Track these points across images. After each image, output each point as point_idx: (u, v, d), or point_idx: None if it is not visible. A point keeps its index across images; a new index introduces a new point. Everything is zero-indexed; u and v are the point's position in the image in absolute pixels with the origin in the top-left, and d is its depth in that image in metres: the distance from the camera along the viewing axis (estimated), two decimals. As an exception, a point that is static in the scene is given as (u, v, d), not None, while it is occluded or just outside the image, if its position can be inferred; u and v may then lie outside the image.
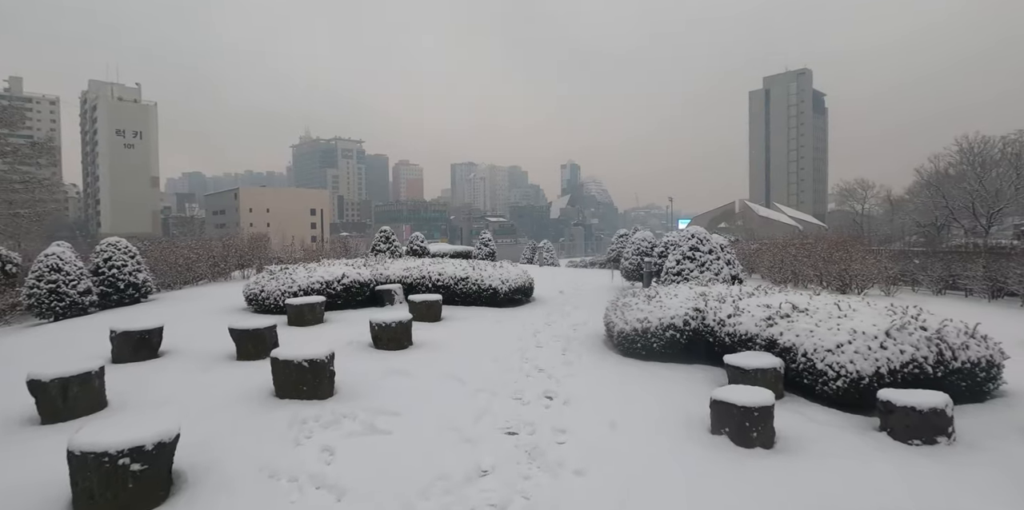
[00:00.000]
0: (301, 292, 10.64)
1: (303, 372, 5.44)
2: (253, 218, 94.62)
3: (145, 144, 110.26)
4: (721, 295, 7.80)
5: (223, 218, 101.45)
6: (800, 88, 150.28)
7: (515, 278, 11.98)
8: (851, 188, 79.11)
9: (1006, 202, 50.95)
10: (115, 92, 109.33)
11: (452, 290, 11.70)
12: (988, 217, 51.81)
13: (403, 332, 7.81)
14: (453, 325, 9.67)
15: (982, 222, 52.06)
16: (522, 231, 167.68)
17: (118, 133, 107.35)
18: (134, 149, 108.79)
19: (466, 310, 11.18)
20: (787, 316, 6.58)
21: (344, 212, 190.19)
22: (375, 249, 18.10)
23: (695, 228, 11.44)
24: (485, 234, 23.63)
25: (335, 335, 8.58)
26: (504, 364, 7.17)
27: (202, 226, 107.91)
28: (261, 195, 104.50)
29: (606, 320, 8.42)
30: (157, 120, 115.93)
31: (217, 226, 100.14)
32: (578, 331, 9.50)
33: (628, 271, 14.71)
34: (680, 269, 11.08)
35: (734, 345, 6.88)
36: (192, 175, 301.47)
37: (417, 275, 11.98)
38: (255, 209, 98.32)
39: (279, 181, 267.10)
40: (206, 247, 17.01)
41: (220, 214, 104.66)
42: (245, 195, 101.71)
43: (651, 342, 7.36)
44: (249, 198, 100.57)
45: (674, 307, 7.51)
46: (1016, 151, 59.75)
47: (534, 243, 33.74)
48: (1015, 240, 40.03)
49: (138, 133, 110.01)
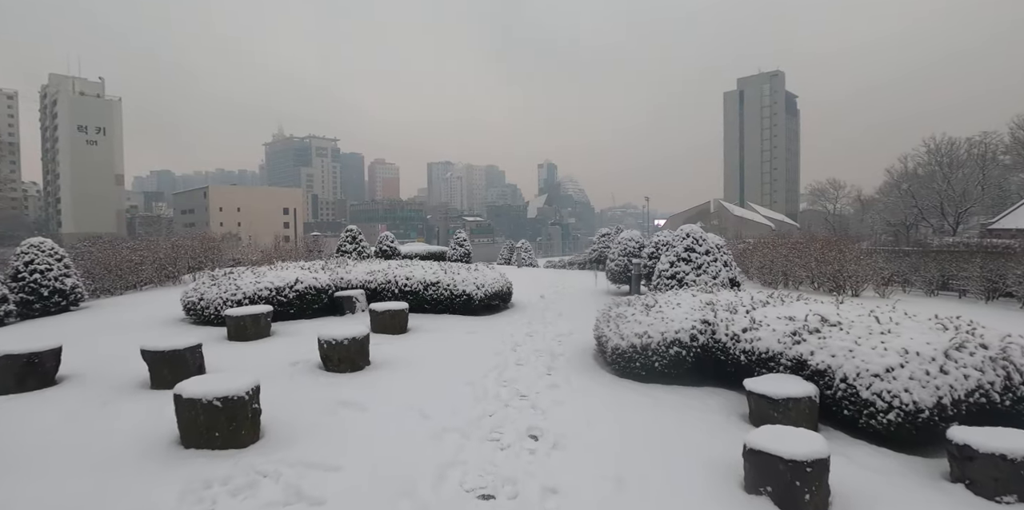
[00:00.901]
0: (247, 300, 9.28)
1: (215, 414, 4.17)
2: (223, 217, 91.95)
3: (109, 140, 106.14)
4: (731, 304, 6.71)
5: (192, 217, 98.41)
6: (773, 89, 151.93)
7: (491, 283, 10.79)
8: (823, 188, 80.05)
9: (973, 202, 51.96)
10: (77, 86, 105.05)
11: (421, 296, 10.46)
12: (956, 216, 52.80)
13: (358, 350, 6.55)
14: (421, 338, 8.43)
15: (950, 221, 53.00)
16: (499, 230, 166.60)
17: (80, 129, 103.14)
18: (97, 146, 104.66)
19: (437, 319, 9.95)
20: (817, 331, 5.50)
21: (319, 211, 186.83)
22: (340, 250, 16.74)
23: (690, 227, 10.39)
24: (460, 234, 22.29)
25: (279, 353, 7.28)
26: (479, 389, 5.97)
27: (170, 226, 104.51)
28: (232, 194, 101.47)
29: (597, 333, 7.28)
30: (122, 116, 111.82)
31: (186, 226, 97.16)
32: (563, 344, 8.34)
33: (614, 273, 13.62)
34: (675, 272, 10.01)
35: (751, 365, 5.79)
36: (161, 173, 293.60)
37: (382, 280, 10.71)
38: (225, 208, 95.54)
39: (252, 180, 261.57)
40: (152, 248, 15.42)
41: (189, 213, 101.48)
42: (215, 194, 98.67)
43: (652, 361, 6.23)
44: (219, 197, 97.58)
45: (678, 319, 6.39)
46: (981, 152, 61.06)
47: (512, 243, 32.55)
48: (982, 239, 40.29)
49: (101, 129, 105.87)
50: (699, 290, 7.70)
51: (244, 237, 43.59)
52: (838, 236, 20.10)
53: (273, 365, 6.70)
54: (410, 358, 7.16)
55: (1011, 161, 59.94)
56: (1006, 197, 55.08)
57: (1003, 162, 60.91)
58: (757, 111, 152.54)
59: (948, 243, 21.31)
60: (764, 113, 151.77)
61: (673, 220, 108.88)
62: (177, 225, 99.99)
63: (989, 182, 55.20)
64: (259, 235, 46.62)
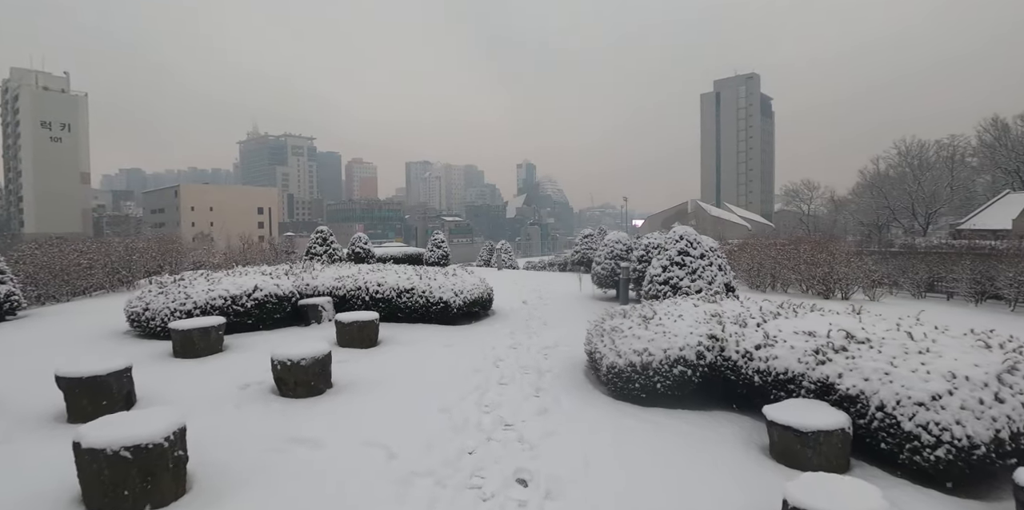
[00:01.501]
0: (198, 311, 8.33)
1: (123, 467, 3.30)
2: (195, 217, 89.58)
3: (74, 137, 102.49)
4: (739, 316, 6.02)
5: (163, 217, 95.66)
6: (749, 91, 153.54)
7: (471, 289, 9.99)
8: (797, 189, 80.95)
9: (943, 204, 52.95)
10: (40, 81, 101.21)
11: (394, 304, 9.61)
12: (926, 217, 53.74)
13: (318, 371, 5.70)
14: (393, 352, 7.59)
15: (920, 222, 53.93)
16: (478, 231, 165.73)
17: (43, 125, 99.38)
18: (62, 143, 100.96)
19: (411, 329, 9.11)
20: (843, 349, 4.82)
21: (294, 211, 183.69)
22: (310, 252, 15.76)
23: (683, 229, 9.72)
24: (438, 235, 21.32)
25: (230, 374, 6.39)
26: (457, 416, 5.18)
27: (139, 226, 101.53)
28: (204, 193, 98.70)
29: (589, 348, 6.53)
30: (88, 112, 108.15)
31: (156, 226, 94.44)
32: (550, 358, 7.59)
33: (600, 277, 12.92)
34: (668, 277, 9.33)
35: (767, 387, 5.10)
36: (131, 171, 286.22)
37: (351, 286, 9.83)
38: (198, 208, 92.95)
39: (226, 178, 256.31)
40: (104, 250, 14.26)
41: (159, 213, 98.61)
42: (187, 192, 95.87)
43: (654, 381, 5.50)
44: (191, 196, 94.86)
45: (682, 333, 5.67)
46: (950, 154, 62.28)
47: (491, 244, 31.69)
48: (954, 239, 40.93)
49: (66, 125, 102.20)
50: (700, 299, 7.01)
51: (218, 238, 42.09)
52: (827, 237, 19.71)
53: (219, 389, 5.82)
54: (379, 378, 6.34)
55: (978, 163, 61.26)
56: (973, 198, 56.21)
57: (970, 164, 62.22)
58: (733, 113, 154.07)
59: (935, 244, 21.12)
60: (740, 115, 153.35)
61: (651, 220, 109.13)
62: (147, 225, 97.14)
63: (958, 184, 56.34)
64: (232, 235, 45.09)
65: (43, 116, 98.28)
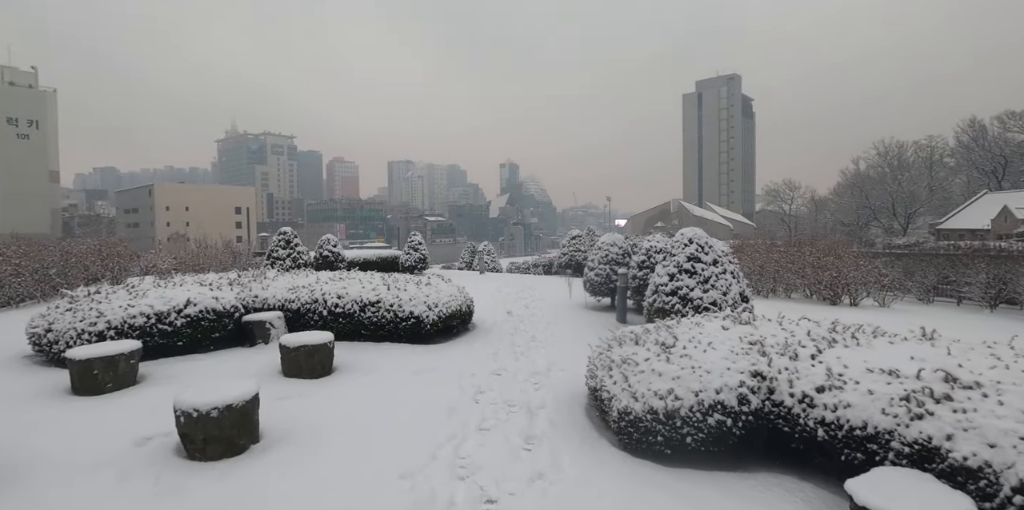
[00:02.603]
0: (112, 332, 6.84)
1: None
2: (170, 217, 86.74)
3: (42, 134, 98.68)
4: (786, 344, 4.73)
5: (136, 217, 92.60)
6: (730, 92, 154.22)
7: (447, 301, 8.60)
8: (779, 189, 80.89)
9: (921, 204, 53.06)
10: (6, 76, 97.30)
11: (357, 320, 8.18)
12: (906, 217, 53.81)
13: (237, 423, 4.28)
14: (348, 385, 6.18)
15: (900, 221, 53.97)
16: (461, 230, 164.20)
17: (9, 121, 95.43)
18: (29, 140, 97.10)
19: (376, 351, 7.70)
20: (947, 398, 3.54)
21: (274, 211, 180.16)
22: (272, 256, 14.21)
23: (692, 230, 8.44)
24: (415, 237, 19.69)
25: (133, 420, 4.95)
26: (421, 488, 3.81)
27: (111, 225, 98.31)
28: (179, 192, 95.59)
29: (593, 384, 5.19)
30: (57, 108, 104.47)
31: (129, 226, 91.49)
32: (542, 388, 6.24)
33: (594, 284, 11.60)
34: (676, 287, 8.04)
35: (835, 444, 3.81)
36: (105, 170, 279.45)
37: (307, 298, 8.38)
38: (173, 207, 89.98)
39: (204, 178, 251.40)
40: (33, 255, 12.58)
41: (133, 213, 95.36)
42: (161, 192, 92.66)
43: (682, 434, 4.18)
44: (166, 195, 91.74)
45: (716, 369, 4.36)
46: (927, 155, 62.54)
47: (473, 245, 30.20)
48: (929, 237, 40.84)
49: (33, 122, 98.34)
50: (728, 318, 5.70)
51: (193, 238, 40.03)
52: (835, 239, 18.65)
53: (108, 446, 4.38)
54: (325, 423, 4.93)
55: (955, 163, 61.55)
56: (950, 198, 56.42)
57: (948, 165, 62.49)
58: (715, 113, 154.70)
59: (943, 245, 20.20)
60: (722, 115, 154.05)
61: (635, 220, 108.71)
62: (120, 225, 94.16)
63: (936, 184, 56.54)
64: (209, 236, 43.05)
65: (9, 112, 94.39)
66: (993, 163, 55.24)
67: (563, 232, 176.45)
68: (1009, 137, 56.25)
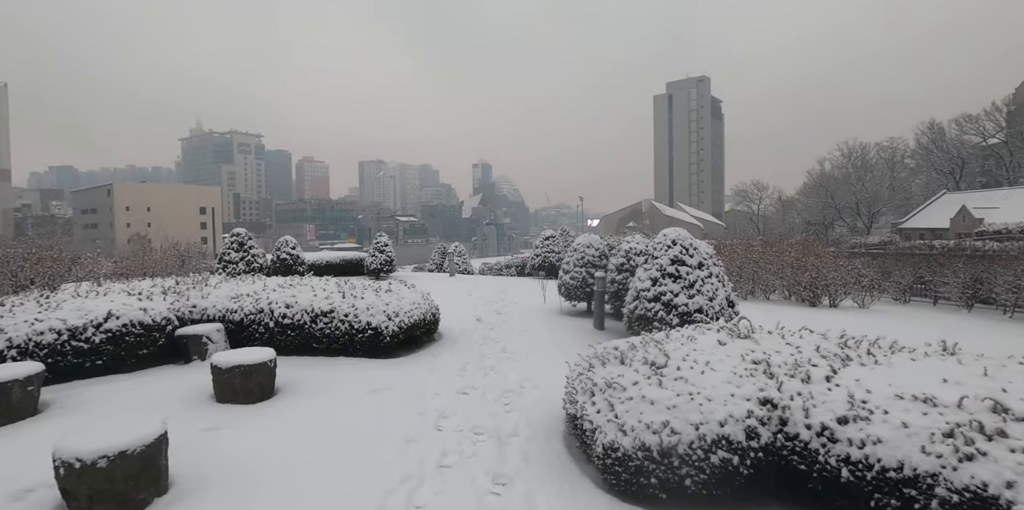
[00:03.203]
0: (15, 351, 5.87)
1: None
2: (131, 218, 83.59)
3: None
4: (795, 363, 4.09)
5: (94, 217, 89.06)
6: (700, 94, 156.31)
7: (409, 309, 7.81)
8: (747, 189, 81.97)
9: (884, 204, 54.29)
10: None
11: (308, 332, 7.33)
12: (869, 216, 54.97)
13: (134, 474, 3.44)
14: (290, 410, 5.35)
15: (864, 220, 55.11)
16: (434, 231, 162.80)
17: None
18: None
19: (328, 367, 6.87)
20: (1001, 434, 2.94)
21: (241, 211, 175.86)
22: (223, 260, 13.18)
23: (676, 231, 7.82)
24: (381, 238, 18.58)
25: (17, 464, 4.06)
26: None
27: (68, 227, 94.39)
28: (140, 191, 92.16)
29: (573, 410, 4.47)
30: (7, 104, 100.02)
31: (87, 227, 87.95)
32: (514, 410, 5.51)
33: (570, 288, 10.92)
34: (659, 293, 7.41)
35: (863, 486, 3.17)
36: (62, 169, 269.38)
37: (251, 308, 7.50)
38: (133, 207, 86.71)
39: (168, 177, 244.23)
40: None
41: (91, 213, 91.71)
42: (120, 191, 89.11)
43: (680, 475, 3.50)
44: (125, 195, 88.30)
45: (719, 395, 3.69)
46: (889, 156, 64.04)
47: (444, 246, 29.27)
48: (894, 236, 41.70)
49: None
50: (724, 330, 5.04)
51: (156, 239, 38.13)
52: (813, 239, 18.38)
53: (-30, 504, 3.50)
54: (256, 464, 4.12)
55: (915, 164, 63.17)
56: (911, 198, 57.81)
57: (908, 166, 64.08)
58: (685, 114, 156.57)
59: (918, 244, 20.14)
60: (691, 117, 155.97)
61: (607, 220, 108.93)
62: (77, 226, 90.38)
63: (897, 184, 57.97)
64: (171, 237, 41.15)
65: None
66: (951, 164, 56.84)
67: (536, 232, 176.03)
68: (966, 139, 57.97)
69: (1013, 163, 53.86)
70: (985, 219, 33.69)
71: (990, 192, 41.22)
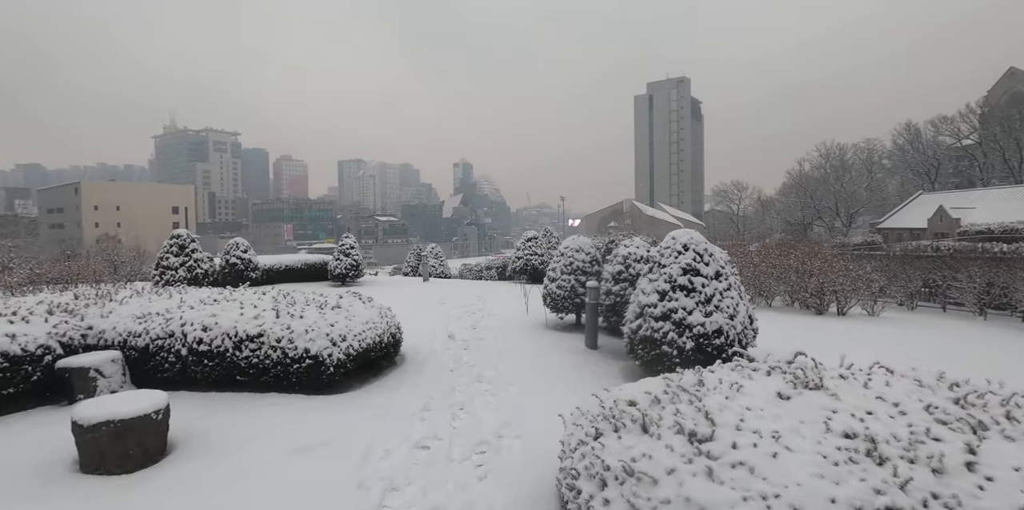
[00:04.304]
0: None
1: None
2: (99, 217, 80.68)
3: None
4: (909, 437, 2.71)
5: (61, 217, 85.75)
6: (680, 95, 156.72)
7: (362, 330, 6.31)
8: (727, 189, 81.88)
9: (862, 204, 54.30)
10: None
11: (231, 361, 5.81)
12: (848, 216, 54.95)
13: None
14: (179, 484, 3.85)
15: (843, 220, 55.03)
16: (414, 231, 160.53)
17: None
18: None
19: (251, 409, 5.35)
20: None
21: (216, 211, 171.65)
22: (161, 266, 11.53)
23: (686, 234, 6.45)
24: (347, 239, 16.70)
25: None
26: None
27: (33, 227, 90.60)
28: (110, 190, 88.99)
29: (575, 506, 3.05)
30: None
31: (53, 227, 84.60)
32: (491, 476, 4.07)
33: (557, 299, 9.48)
34: (669, 309, 6.03)
35: None
36: (28, 167, 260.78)
37: (160, 331, 5.95)
38: (102, 207, 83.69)
39: (140, 175, 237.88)
40: None
41: (58, 212, 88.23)
42: (89, 190, 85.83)
43: None
44: (94, 194, 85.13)
45: (811, 501, 2.30)
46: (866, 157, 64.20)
47: (419, 248, 27.66)
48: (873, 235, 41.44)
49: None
50: (776, 371, 3.66)
51: (126, 240, 35.91)
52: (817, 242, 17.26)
53: None
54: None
55: (891, 165, 63.47)
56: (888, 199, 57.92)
57: (885, 166, 64.36)
58: (665, 115, 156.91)
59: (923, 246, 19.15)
60: (672, 117, 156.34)
61: (589, 220, 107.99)
62: (43, 226, 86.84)
63: (875, 184, 58.16)
64: (143, 238, 38.94)
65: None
66: (927, 165, 57.27)
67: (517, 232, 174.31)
68: (941, 140, 58.45)
69: (987, 164, 54.23)
70: (962, 219, 33.38)
71: (965, 192, 41.17)
